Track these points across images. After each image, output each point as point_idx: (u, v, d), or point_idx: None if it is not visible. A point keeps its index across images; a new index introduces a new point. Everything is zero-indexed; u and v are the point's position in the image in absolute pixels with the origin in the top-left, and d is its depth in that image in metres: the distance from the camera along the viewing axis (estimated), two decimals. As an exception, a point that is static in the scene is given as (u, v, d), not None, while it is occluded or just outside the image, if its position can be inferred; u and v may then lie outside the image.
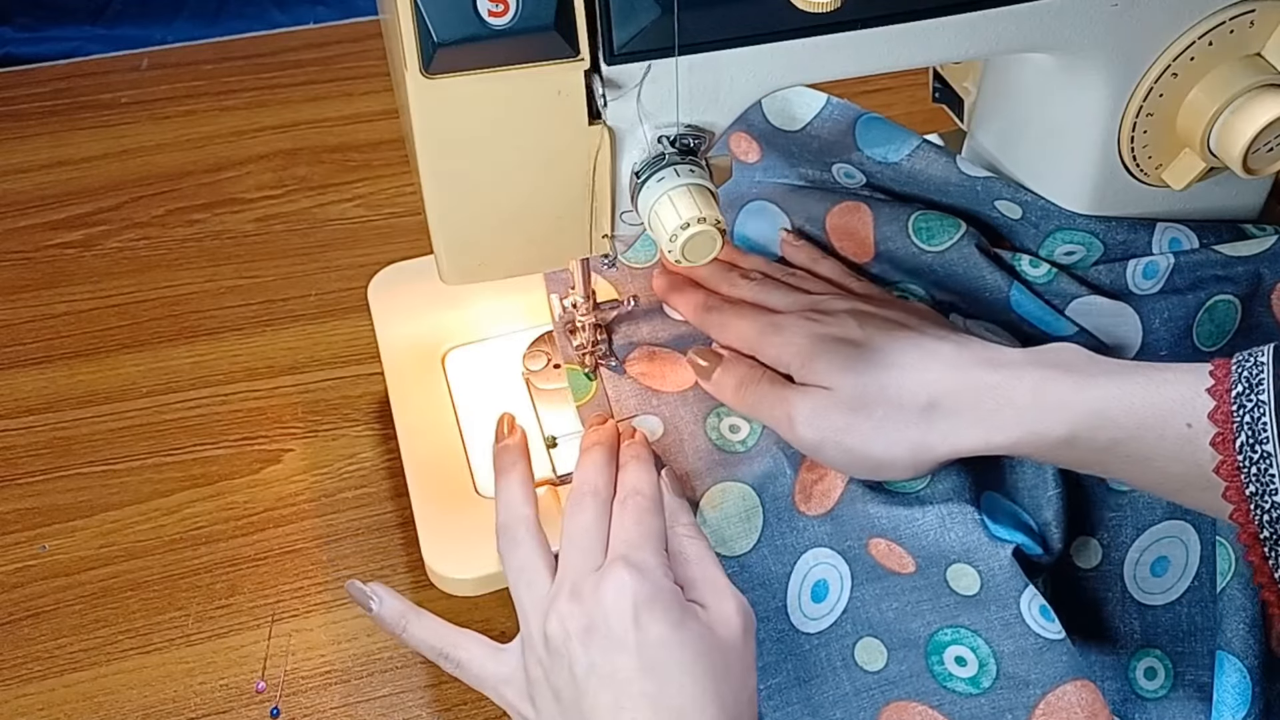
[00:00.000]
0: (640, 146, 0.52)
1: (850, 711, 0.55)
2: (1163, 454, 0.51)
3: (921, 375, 0.56)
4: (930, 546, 0.56)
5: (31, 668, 0.62)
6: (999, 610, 0.54)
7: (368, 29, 1.02)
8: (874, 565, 0.57)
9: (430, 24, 0.46)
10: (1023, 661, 0.54)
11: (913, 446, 0.55)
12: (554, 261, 0.60)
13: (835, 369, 0.57)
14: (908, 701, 0.55)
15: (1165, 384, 0.51)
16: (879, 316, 0.60)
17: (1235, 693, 0.53)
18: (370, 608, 0.57)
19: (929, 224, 0.65)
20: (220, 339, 0.78)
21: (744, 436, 0.62)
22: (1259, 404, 0.48)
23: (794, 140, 0.68)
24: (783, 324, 0.60)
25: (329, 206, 0.87)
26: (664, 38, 0.48)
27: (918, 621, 0.56)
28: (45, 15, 1.26)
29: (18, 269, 0.83)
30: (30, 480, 0.71)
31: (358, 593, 0.57)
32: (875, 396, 0.56)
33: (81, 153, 0.91)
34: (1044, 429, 0.53)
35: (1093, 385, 0.52)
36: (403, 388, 0.67)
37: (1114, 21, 0.55)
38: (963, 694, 0.54)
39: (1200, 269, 0.63)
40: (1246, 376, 0.49)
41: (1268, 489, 0.48)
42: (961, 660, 0.55)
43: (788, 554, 0.58)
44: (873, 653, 0.56)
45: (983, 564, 0.55)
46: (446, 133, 0.50)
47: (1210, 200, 0.65)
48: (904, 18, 0.52)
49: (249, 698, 0.61)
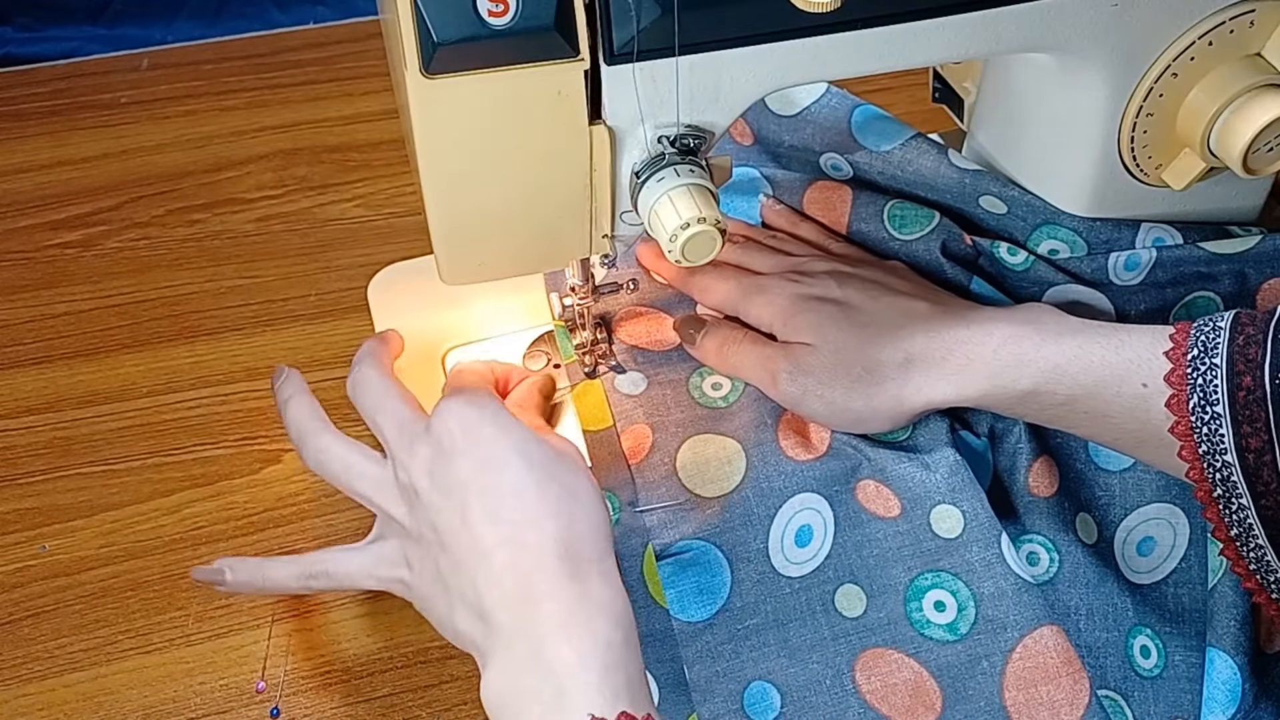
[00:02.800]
0: (640, 146, 0.52)
1: (826, 656, 0.56)
2: (1119, 411, 0.54)
3: (898, 332, 0.58)
4: (916, 487, 0.58)
5: (31, 668, 0.62)
6: (980, 550, 0.56)
7: (368, 29, 1.02)
8: (859, 510, 0.59)
9: (430, 24, 0.46)
10: (1001, 603, 0.55)
11: (890, 399, 0.58)
12: (554, 261, 0.60)
13: (816, 327, 0.60)
14: (884, 649, 0.56)
15: (1124, 345, 0.54)
16: (858, 276, 0.62)
17: (1226, 689, 0.53)
18: (225, 580, 0.57)
19: (903, 212, 0.66)
20: (220, 339, 0.78)
21: (725, 393, 0.63)
22: (1212, 367, 0.51)
23: (787, 125, 0.69)
24: (765, 285, 0.63)
25: (329, 206, 0.87)
26: (664, 38, 0.48)
27: (899, 568, 0.57)
28: (45, 15, 1.26)
29: (18, 269, 0.83)
30: (30, 480, 0.71)
31: (206, 574, 0.58)
32: (855, 352, 0.58)
33: (81, 153, 0.91)
34: (1008, 382, 0.56)
35: (1055, 342, 0.55)
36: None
37: (1114, 21, 0.55)
38: (939, 641, 0.56)
39: (1183, 265, 0.63)
40: (1203, 341, 0.51)
41: (1217, 449, 0.50)
42: (940, 605, 0.56)
43: (773, 497, 0.59)
44: (852, 599, 0.57)
45: (966, 504, 0.57)
46: (446, 133, 0.50)
47: (1210, 200, 0.65)
48: (904, 18, 0.52)
49: (249, 698, 0.61)
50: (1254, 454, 0.49)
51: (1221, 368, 0.50)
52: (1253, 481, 0.49)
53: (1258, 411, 0.49)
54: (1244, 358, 0.50)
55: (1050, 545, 0.59)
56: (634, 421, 0.63)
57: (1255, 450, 0.49)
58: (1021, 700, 0.54)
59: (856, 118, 0.67)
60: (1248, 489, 0.49)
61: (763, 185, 0.71)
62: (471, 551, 0.50)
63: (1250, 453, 0.49)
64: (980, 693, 0.54)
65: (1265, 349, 0.50)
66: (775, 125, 0.70)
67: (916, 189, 0.67)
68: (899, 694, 0.55)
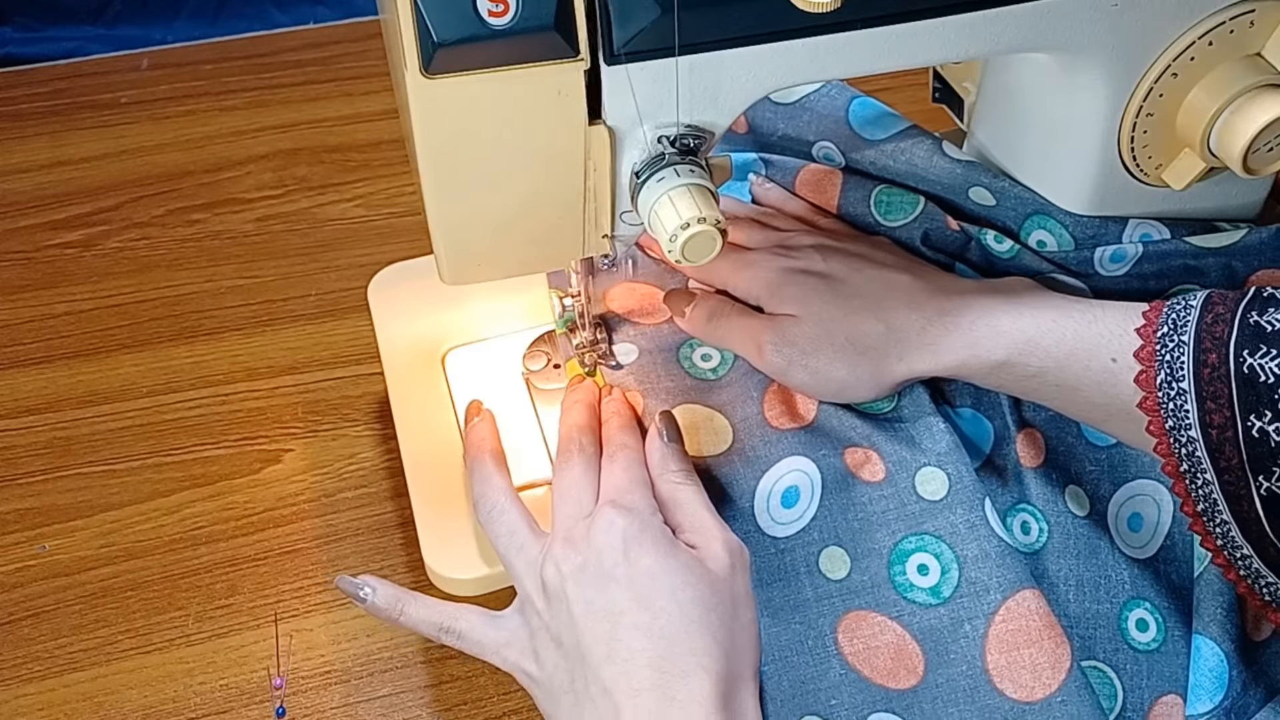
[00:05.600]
0: (640, 146, 0.52)
1: (809, 618, 0.57)
2: (1088, 385, 0.55)
3: (880, 303, 0.60)
4: (902, 450, 0.59)
5: (31, 668, 0.62)
6: (965, 513, 0.57)
7: (368, 29, 1.02)
8: (845, 474, 0.59)
9: (430, 24, 0.46)
10: (985, 565, 0.56)
11: (873, 369, 0.59)
12: (554, 262, 0.60)
13: (801, 299, 0.61)
14: (867, 611, 0.57)
15: (1096, 320, 0.55)
16: (842, 250, 0.64)
17: (1212, 676, 0.54)
18: (363, 597, 0.57)
19: (890, 198, 0.66)
20: (220, 339, 0.78)
21: (715, 365, 0.64)
22: (1179, 344, 0.52)
23: (784, 114, 0.70)
24: (752, 259, 0.64)
25: (329, 206, 0.87)
26: (664, 38, 0.48)
27: (883, 531, 0.58)
28: (45, 15, 1.26)
29: (18, 269, 0.83)
30: (30, 480, 0.71)
31: (349, 586, 0.57)
32: (838, 323, 0.60)
33: (81, 153, 0.91)
34: (982, 352, 0.57)
35: (1029, 314, 0.57)
36: (403, 388, 0.67)
37: (1114, 21, 0.55)
38: (922, 604, 0.56)
39: (1169, 258, 0.63)
40: (1174, 319, 0.53)
41: (1183, 424, 0.51)
42: (924, 569, 0.57)
43: (759, 463, 0.60)
44: (836, 562, 0.58)
45: (951, 467, 0.58)
46: (446, 133, 0.50)
47: (1210, 200, 0.65)
48: (904, 18, 0.52)
49: (249, 698, 0.61)
50: (1216, 430, 0.50)
51: (1189, 345, 0.52)
52: (1215, 457, 0.50)
53: (1221, 388, 0.50)
54: (1211, 335, 0.51)
55: (1040, 515, 0.60)
56: (626, 389, 0.64)
57: (1218, 426, 0.50)
58: (1004, 663, 0.54)
59: (854, 108, 0.68)
60: (1211, 464, 0.51)
61: (756, 166, 0.72)
62: (618, 684, 0.50)
63: (1213, 429, 0.50)
64: (962, 656, 0.55)
65: (1232, 328, 0.51)
66: (771, 113, 0.70)
67: (908, 180, 0.67)
68: (881, 656, 0.55)
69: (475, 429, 0.62)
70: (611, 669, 0.51)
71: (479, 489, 0.59)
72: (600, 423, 0.61)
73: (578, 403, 0.62)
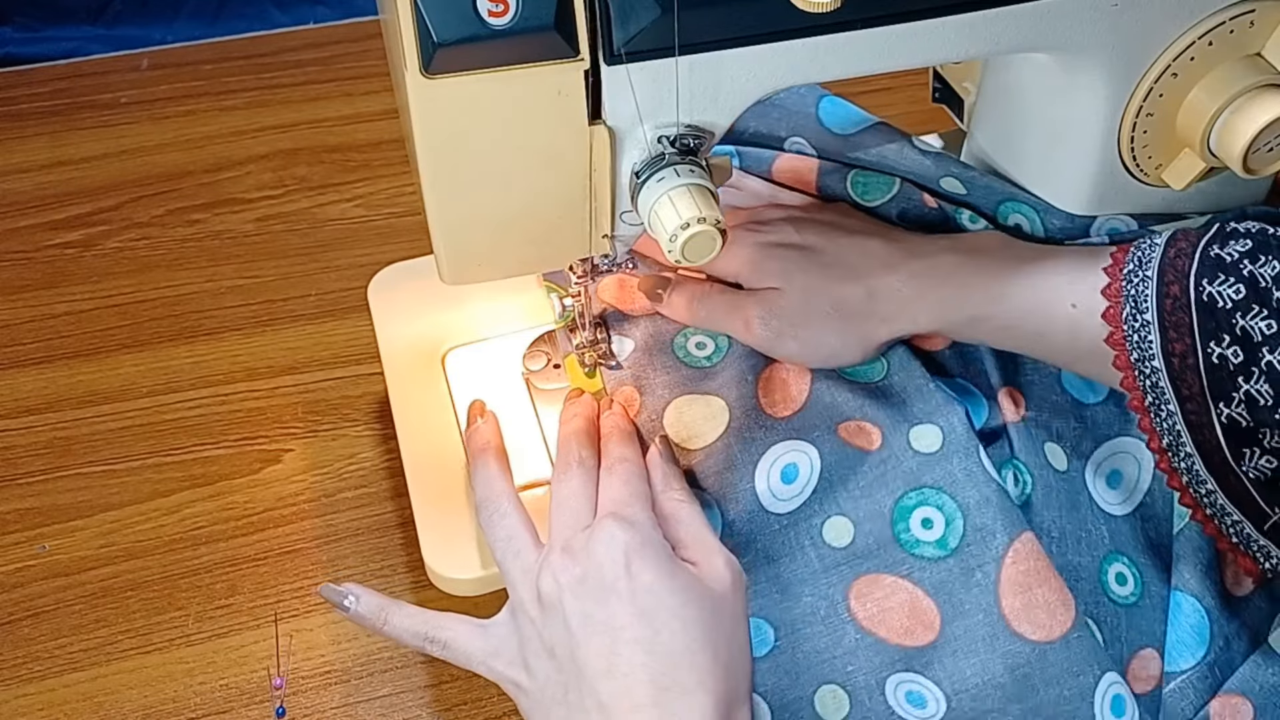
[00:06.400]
0: (640, 146, 0.52)
1: (819, 589, 0.57)
2: (1054, 331, 0.57)
3: (857, 268, 0.61)
4: (894, 413, 0.60)
5: (31, 668, 0.62)
6: (962, 461, 0.58)
7: (368, 29, 1.02)
8: (842, 445, 0.60)
9: (430, 24, 0.46)
10: (987, 510, 0.56)
11: (860, 332, 0.61)
12: (554, 262, 0.60)
13: (782, 272, 0.62)
14: (877, 574, 0.57)
15: (1057, 269, 0.58)
16: (813, 220, 0.65)
17: (1194, 633, 0.54)
18: (347, 606, 0.56)
19: (866, 180, 0.67)
20: (220, 339, 0.78)
21: (709, 352, 0.65)
22: (1144, 279, 0.54)
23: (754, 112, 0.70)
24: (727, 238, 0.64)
25: (329, 206, 0.87)
26: (664, 38, 0.48)
27: (882, 491, 0.58)
28: (45, 15, 1.25)
29: (18, 269, 0.83)
30: (30, 480, 0.71)
31: (332, 595, 0.56)
32: (821, 292, 0.61)
33: (81, 153, 0.91)
34: (954, 307, 0.59)
35: (996, 266, 0.59)
36: (403, 388, 0.67)
37: (1114, 21, 0.55)
38: (931, 558, 0.57)
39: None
40: (1139, 256, 0.55)
41: (1146, 355, 0.53)
42: (928, 522, 0.57)
43: (756, 445, 0.60)
44: (840, 531, 0.58)
45: (943, 420, 0.59)
46: (446, 133, 0.50)
47: (1210, 200, 0.65)
48: (904, 18, 0.52)
49: (249, 698, 0.61)
50: (1178, 358, 0.52)
51: (1153, 279, 0.54)
52: (1178, 386, 0.52)
53: (1183, 317, 0.52)
54: (1174, 269, 0.53)
55: (1024, 468, 0.60)
56: (623, 384, 0.64)
57: (1179, 354, 0.52)
58: (1019, 605, 0.54)
59: (824, 105, 0.68)
60: (1174, 394, 0.52)
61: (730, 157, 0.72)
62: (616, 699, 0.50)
63: (1175, 357, 0.52)
64: (977, 605, 0.55)
65: (1193, 261, 0.53)
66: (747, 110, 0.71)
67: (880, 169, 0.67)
68: (896, 616, 0.55)
69: (479, 429, 0.62)
70: (610, 684, 0.50)
71: (481, 489, 0.59)
72: (599, 435, 0.61)
73: (576, 415, 0.62)
